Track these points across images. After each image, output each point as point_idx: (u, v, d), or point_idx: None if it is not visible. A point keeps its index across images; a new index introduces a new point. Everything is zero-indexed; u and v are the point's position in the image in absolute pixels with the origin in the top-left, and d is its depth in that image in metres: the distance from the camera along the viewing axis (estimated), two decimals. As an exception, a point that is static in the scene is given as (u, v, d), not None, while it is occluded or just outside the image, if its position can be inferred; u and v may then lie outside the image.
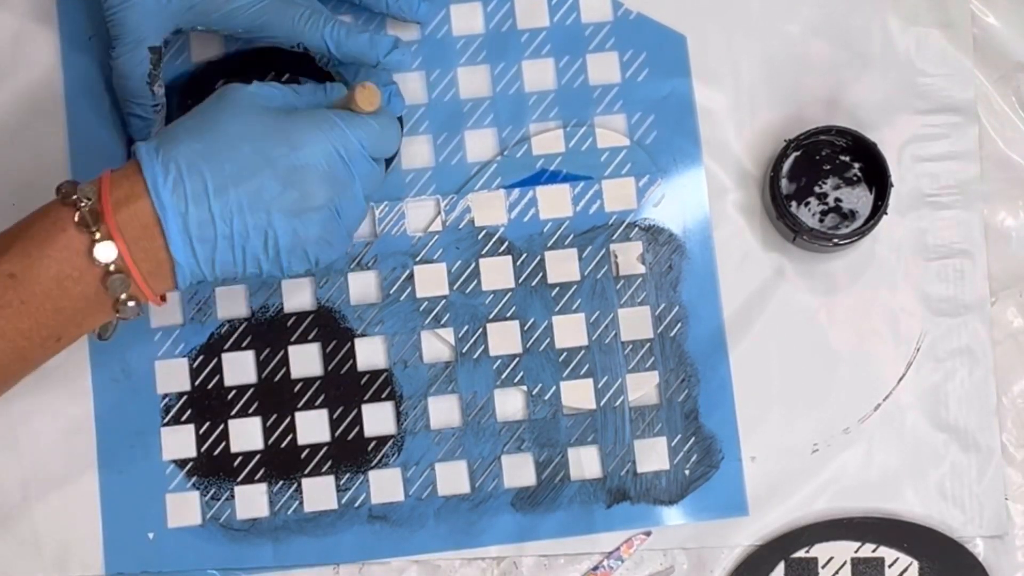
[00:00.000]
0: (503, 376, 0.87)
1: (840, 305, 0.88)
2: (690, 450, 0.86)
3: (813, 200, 0.87)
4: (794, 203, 0.86)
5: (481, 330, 0.87)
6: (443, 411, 0.87)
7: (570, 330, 0.87)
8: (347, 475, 0.86)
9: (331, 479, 0.86)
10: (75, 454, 0.86)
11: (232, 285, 0.86)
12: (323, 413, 0.86)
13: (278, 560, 0.85)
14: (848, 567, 0.85)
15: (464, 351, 0.87)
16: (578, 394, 0.87)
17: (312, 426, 0.86)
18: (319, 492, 0.86)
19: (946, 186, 0.88)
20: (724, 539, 0.86)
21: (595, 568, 0.86)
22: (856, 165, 0.87)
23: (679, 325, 0.87)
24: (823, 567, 0.85)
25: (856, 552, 0.85)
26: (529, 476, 0.86)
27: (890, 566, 0.86)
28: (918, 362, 0.88)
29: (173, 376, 0.87)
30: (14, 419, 0.86)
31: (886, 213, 0.84)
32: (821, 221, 0.86)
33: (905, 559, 0.85)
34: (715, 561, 0.86)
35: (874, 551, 0.85)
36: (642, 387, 0.87)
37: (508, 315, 0.87)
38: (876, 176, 0.85)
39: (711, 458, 0.86)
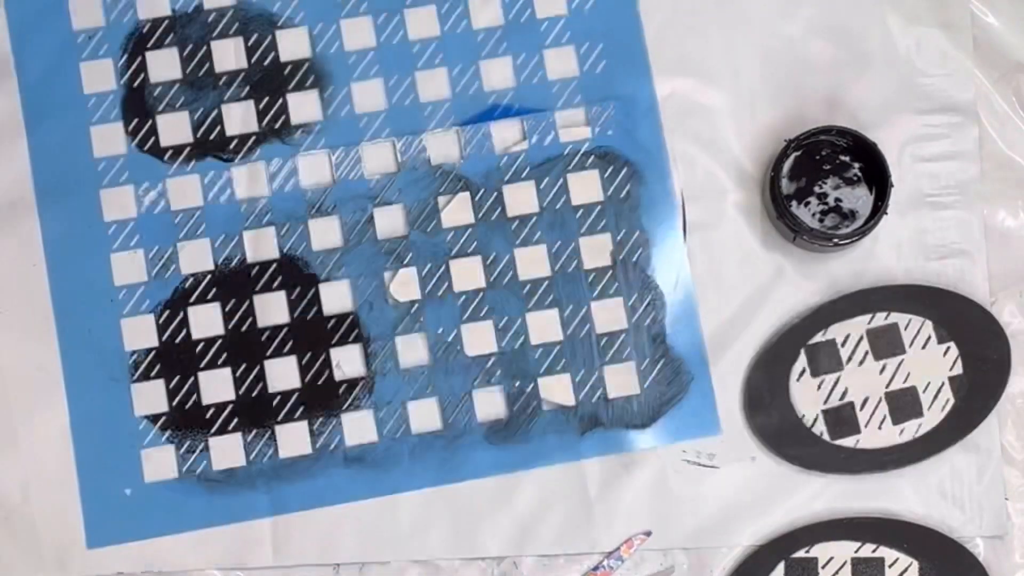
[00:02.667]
0: (469, 311, 0.88)
1: (841, 305, 0.89)
2: (659, 373, 0.87)
3: (813, 200, 0.87)
4: (794, 203, 0.87)
5: (444, 267, 0.88)
6: (411, 350, 0.88)
7: (532, 262, 0.89)
8: (320, 419, 0.88)
9: (304, 424, 0.88)
10: (47, 408, 0.88)
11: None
12: (292, 360, 0.88)
13: (259, 508, 0.86)
14: (848, 567, 0.86)
15: (428, 289, 0.87)
16: (545, 324, 0.88)
17: (282, 373, 0.88)
18: (293, 438, 0.88)
19: (946, 186, 0.89)
20: (724, 539, 0.87)
21: (595, 568, 0.86)
22: (856, 165, 0.87)
23: (640, 250, 0.88)
24: (823, 567, 0.86)
25: (856, 552, 0.86)
26: (500, 409, 0.88)
27: (890, 566, 0.86)
28: (918, 362, 0.88)
29: (140, 332, 0.89)
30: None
31: (886, 213, 0.85)
32: (821, 221, 0.87)
33: (905, 559, 0.86)
34: (715, 561, 0.87)
35: (874, 551, 0.86)
36: (608, 313, 0.87)
37: (470, 251, 0.89)
38: (876, 176, 0.86)
39: (680, 380, 0.87)
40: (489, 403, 0.88)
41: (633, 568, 0.87)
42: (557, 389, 0.88)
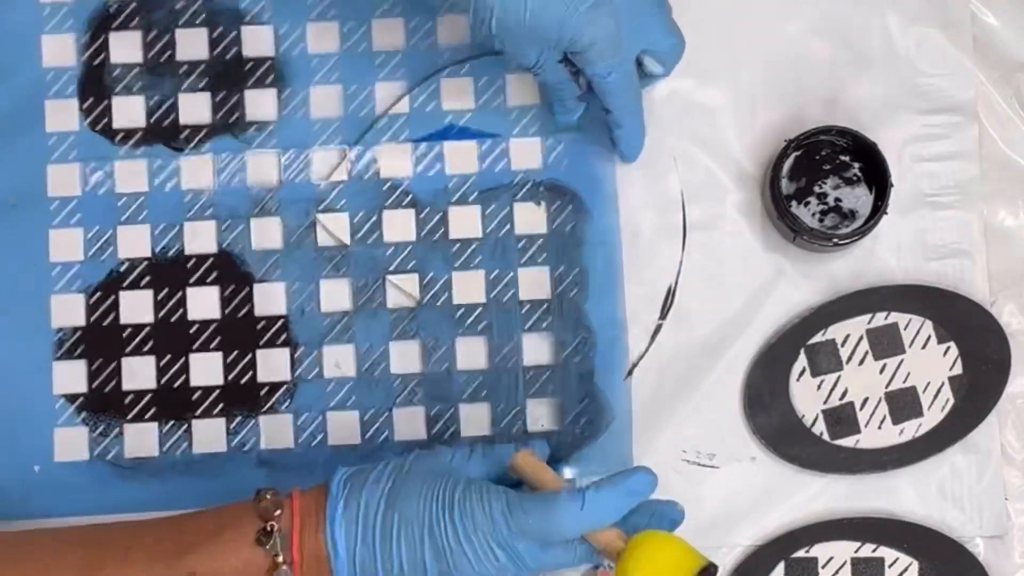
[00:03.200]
0: (399, 328, 0.88)
1: (841, 305, 0.89)
2: (582, 411, 0.87)
3: (813, 200, 0.87)
4: (794, 203, 0.87)
5: (380, 281, 0.88)
6: (338, 360, 0.87)
7: (469, 286, 0.88)
8: (238, 419, 0.87)
9: (222, 422, 0.87)
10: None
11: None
12: (218, 356, 0.87)
13: (163, 500, 0.85)
14: (848, 567, 0.86)
15: (362, 302, 0.87)
16: (473, 350, 0.88)
17: (206, 368, 0.87)
18: (209, 434, 0.87)
19: (946, 186, 0.89)
20: (724, 539, 0.87)
21: (595, 568, 0.86)
22: (856, 165, 0.87)
23: (577, 288, 0.88)
24: (823, 567, 0.86)
25: (856, 552, 0.86)
26: (419, 430, 0.87)
27: (890, 566, 0.86)
28: (918, 362, 0.88)
29: (69, 311, 0.88)
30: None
31: (886, 213, 0.85)
32: (821, 221, 0.87)
33: (905, 559, 0.86)
34: (715, 561, 0.86)
35: (874, 551, 0.86)
36: (538, 347, 0.88)
37: (408, 268, 0.88)
38: (876, 176, 0.86)
39: (602, 419, 0.87)
40: (408, 423, 0.87)
41: (633, 568, 0.87)
42: (476, 417, 0.87)
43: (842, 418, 0.87)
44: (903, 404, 0.87)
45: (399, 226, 0.88)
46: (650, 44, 0.84)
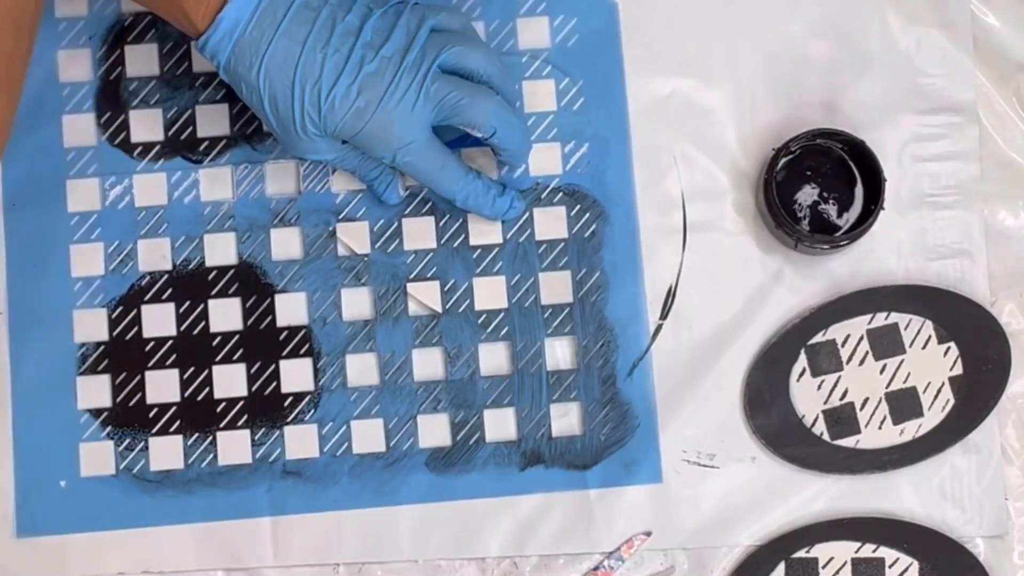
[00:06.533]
0: (422, 336, 0.89)
1: (841, 304, 0.89)
2: (606, 416, 0.88)
3: (809, 202, 0.87)
4: (793, 205, 0.87)
5: (401, 289, 0.88)
6: (361, 369, 0.89)
7: (490, 292, 0.89)
8: (262, 430, 0.88)
9: (246, 433, 0.88)
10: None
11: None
12: (241, 368, 0.89)
13: (190, 513, 0.87)
14: (848, 567, 0.86)
15: (384, 310, 0.88)
16: (496, 356, 0.89)
17: (229, 380, 0.89)
18: (233, 446, 0.88)
19: (946, 186, 0.89)
20: (724, 539, 0.87)
21: (595, 568, 0.87)
22: (852, 165, 0.87)
23: (599, 291, 0.89)
24: (823, 567, 0.86)
25: (856, 552, 0.86)
26: (444, 436, 0.88)
27: (890, 566, 0.86)
28: (918, 362, 0.89)
29: (91, 326, 0.89)
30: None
31: (883, 208, 0.85)
32: (819, 223, 0.87)
33: (905, 559, 0.86)
34: (715, 561, 0.87)
35: (874, 551, 0.86)
36: (561, 351, 0.88)
37: (429, 275, 0.89)
38: (871, 174, 0.86)
39: (626, 425, 0.88)
40: (433, 429, 0.88)
41: (633, 568, 0.87)
42: (501, 422, 0.88)
43: (842, 418, 0.87)
44: (903, 404, 0.87)
45: (419, 234, 0.89)
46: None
